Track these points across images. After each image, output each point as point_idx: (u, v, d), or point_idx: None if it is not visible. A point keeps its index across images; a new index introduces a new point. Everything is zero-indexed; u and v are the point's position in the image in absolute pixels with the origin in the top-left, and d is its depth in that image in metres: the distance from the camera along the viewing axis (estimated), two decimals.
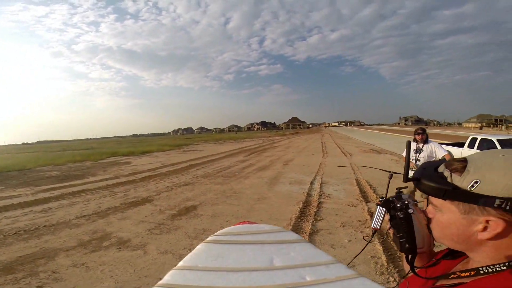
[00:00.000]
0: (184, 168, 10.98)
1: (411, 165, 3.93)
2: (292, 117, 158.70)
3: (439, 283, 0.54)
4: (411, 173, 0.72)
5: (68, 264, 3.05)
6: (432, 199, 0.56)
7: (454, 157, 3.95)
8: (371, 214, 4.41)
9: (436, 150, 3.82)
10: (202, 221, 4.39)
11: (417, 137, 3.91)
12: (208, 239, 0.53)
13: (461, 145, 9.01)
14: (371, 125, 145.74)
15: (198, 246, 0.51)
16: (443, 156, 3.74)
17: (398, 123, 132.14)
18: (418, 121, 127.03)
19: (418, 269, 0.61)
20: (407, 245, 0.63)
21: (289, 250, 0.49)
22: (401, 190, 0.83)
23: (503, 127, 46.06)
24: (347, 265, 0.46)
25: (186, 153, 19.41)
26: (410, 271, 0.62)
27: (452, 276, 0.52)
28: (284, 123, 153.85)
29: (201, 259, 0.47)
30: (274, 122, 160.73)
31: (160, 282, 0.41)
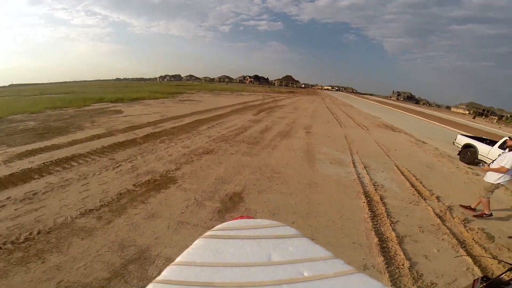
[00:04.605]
0: (191, 125, 9.35)
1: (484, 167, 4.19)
2: (286, 75, 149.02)
3: None
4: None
5: None
6: None
7: (479, 152, 7.76)
8: (439, 217, 3.97)
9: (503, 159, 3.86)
10: None
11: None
12: (206, 234, 0.51)
13: (486, 141, 8.16)
14: (363, 93, 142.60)
15: (196, 242, 0.49)
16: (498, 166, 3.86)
17: (391, 97, 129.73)
18: (410, 98, 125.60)
19: None
20: None
21: (287, 245, 0.49)
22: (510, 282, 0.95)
23: (495, 120, 45.77)
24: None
25: (183, 103, 17.26)
26: None
27: None
28: (277, 79, 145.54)
29: (199, 255, 0.46)
30: (267, 78, 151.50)
31: (158, 278, 0.40)
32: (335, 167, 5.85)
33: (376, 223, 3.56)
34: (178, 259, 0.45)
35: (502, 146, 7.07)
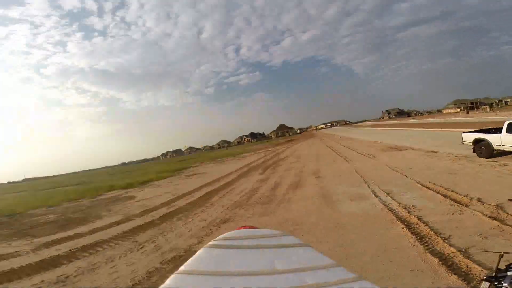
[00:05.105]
0: (203, 199, 9.51)
1: None
2: (280, 125, 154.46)
3: None
4: None
5: None
6: None
7: (493, 143, 7.64)
8: (495, 219, 3.74)
9: None
10: None
11: None
12: (209, 244, 0.51)
13: (492, 131, 8.29)
14: (356, 122, 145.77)
15: (199, 251, 0.49)
16: None
17: (382, 117, 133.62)
18: (400, 113, 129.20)
19: None
20: None
21: (290, 254, 0.49)
22: None
23: (488, 109, 47.13)
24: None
25: (190, 178, 17.76)
26: None
27: None
28: (273, 131, 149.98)
29: (202, 264, 0.46)
30: (263, 132, 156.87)
31: (161, 286, 0.39)
32: (357, 203, 5.81)
33: (426, 244, 3.38)
34: (181, 268, 0.46)
35: (508, 130, 7.15)
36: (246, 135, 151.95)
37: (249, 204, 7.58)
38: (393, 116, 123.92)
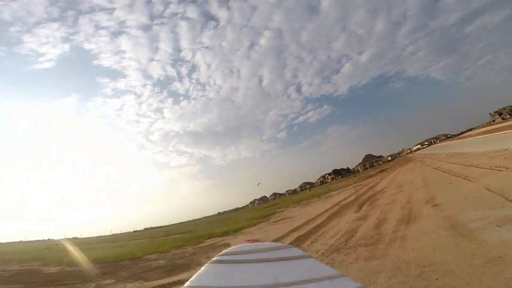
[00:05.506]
0: (294, 244, 8.83)
1: None
2: (366, 155, 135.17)
3: None
4: None
5: None
6: None
7: None
8: None
9: None
10: None
11: None
12: (213, 259, 0.53)
13: None
14: (460, 134, 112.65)
15: (204, 267, 0.51)
16: None
17: (493, 121, 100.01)
18: None
19: None
20: None
21: (293, 266, 0.50)
22: None
23: None
24: None
25: (278, 224, 17.32)
26: None
27: None
28: (359, 164, 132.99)
29: (207, 279, 0.50)
30: (347, 167, 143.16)
31: None
32: (509, 228, 4.08)
33: None
34: (187, 284, 0.43)
35: None
36: (328, 173, 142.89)
37: (349, 247, 6.44)
38: (508, 116, 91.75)
